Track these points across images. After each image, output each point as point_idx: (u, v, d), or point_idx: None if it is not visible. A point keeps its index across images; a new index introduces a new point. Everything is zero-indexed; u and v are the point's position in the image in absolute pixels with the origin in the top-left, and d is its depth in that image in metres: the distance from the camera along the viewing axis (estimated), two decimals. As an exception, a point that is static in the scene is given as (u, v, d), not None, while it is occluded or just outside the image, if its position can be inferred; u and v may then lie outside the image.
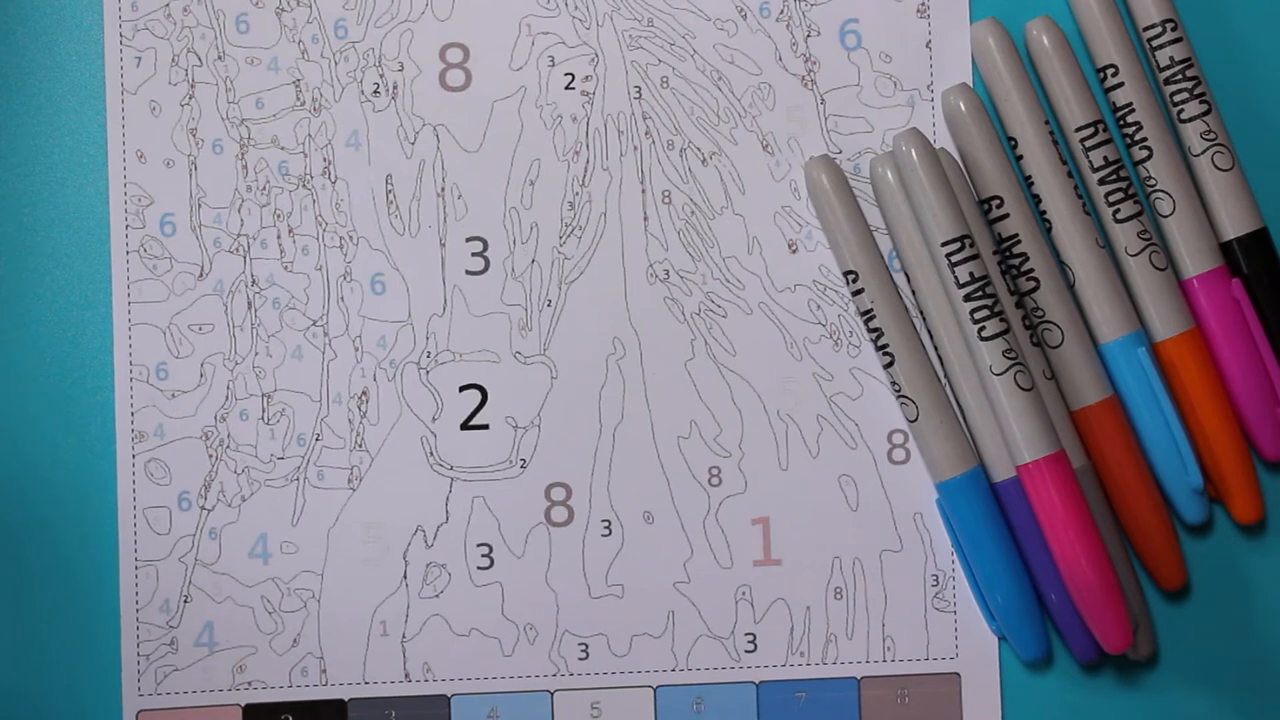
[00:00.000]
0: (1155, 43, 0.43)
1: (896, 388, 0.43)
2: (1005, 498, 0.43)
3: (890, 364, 0.43)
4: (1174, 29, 0.43)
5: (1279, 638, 0.45)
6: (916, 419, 0.43)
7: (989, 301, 0.42)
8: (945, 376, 0.43)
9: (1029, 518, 0.42)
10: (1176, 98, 0.43)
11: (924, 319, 0.43)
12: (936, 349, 0.43)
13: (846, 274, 0.43)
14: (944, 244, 0.42)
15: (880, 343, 0.43)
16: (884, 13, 0.44)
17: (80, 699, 0.44)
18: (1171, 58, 0.43)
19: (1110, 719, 0.44)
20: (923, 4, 0.44)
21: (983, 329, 0.42)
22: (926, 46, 0.44)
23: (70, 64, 0.44)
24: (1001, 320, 0.42)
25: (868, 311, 0.43)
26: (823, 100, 0.44)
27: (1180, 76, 0.43)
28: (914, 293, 0.43)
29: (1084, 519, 0.42)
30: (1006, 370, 0.42)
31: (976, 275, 0.42)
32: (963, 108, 0.43)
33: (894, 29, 0.44)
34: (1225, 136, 0.43)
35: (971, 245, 0.42)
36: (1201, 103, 0.43)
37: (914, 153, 0.42)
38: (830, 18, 0.44)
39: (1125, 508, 0.43)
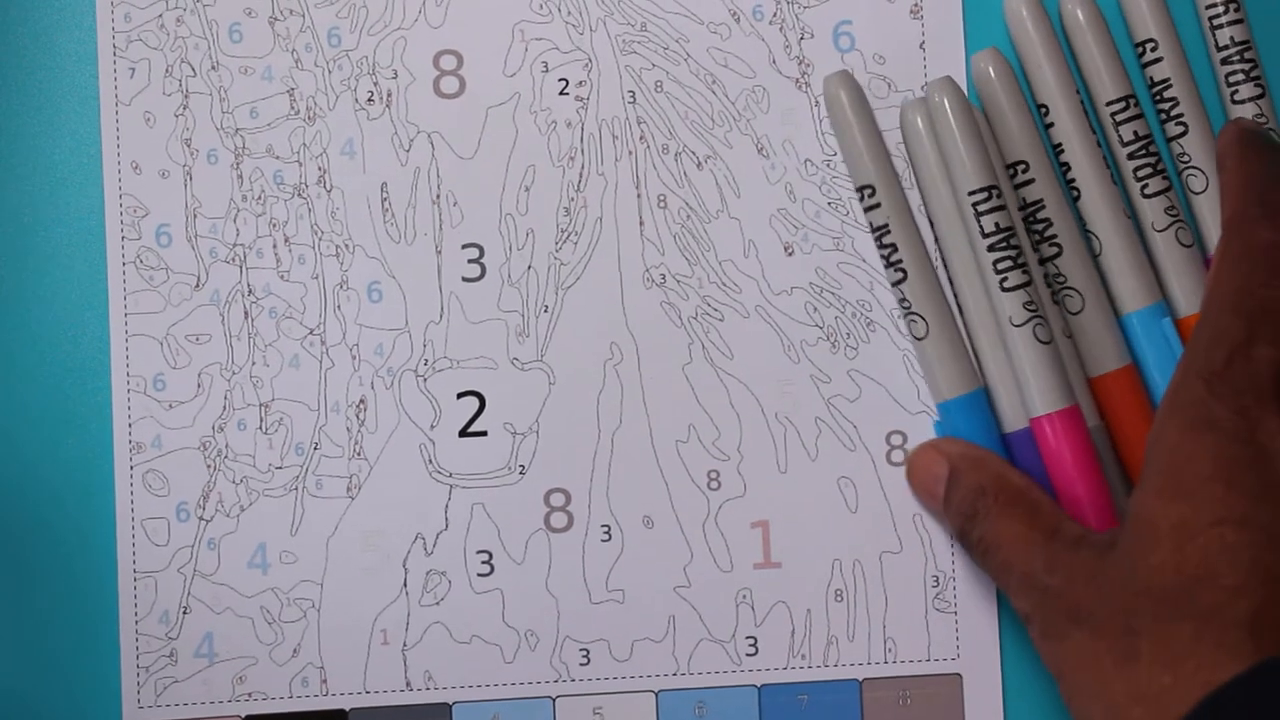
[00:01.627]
0: (1216, 21, 0.44)
1: (906, 305, 0.43)
2: (1016, 450, 0.43)
3: (901, 280, 0.43)
4: (1236, 10, 0.43)
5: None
6: (925, 336, 0.43)
7: (1012, 253, 0.42)
8: (967, 333, 0.43)
9: (1039, 471, 0.42)
10: (1232, 78, 0.43)
11: (948, 273, 0.43)
12: (958, 302, 0.43)
13: (861, 189, 0.43)
14: (971, 193, 0.42)
15: (893, 259, 0.43)
16: (877, 14, 0.44)
17: (80, 711, 0.44)
18: (1232, 38, 0.43)
19: None
20: (915, 5, 0.44)
21: (1005, 279, 0.42)
22: (920, 48, 0.44)
23: (64, 75, 0.44)
24: (1024, 272, 0.42)
25: (882, 227, 0.43)
26: (816, 102, 0.44)
27: (1238, 58, 0.43)
28: (939, 246, 0.43)
29: (1094, 473, 0.42)
30: (1027, 322, 0.41)
31: (1002, 226, 0.42)
32: (991, 73, 0.43)
33: (887, 31, 0.44)
34: (1276, 122, 0.43)
35: (999, 196, 0.42)
36: (1256, 85, 0.43)
37: (946, 101, 0.42)
38: (823, 20, 0.44)
39: (1138, 474, 0.43)
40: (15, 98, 0.44)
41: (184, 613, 0.44)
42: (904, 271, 0.43)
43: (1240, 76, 0.43)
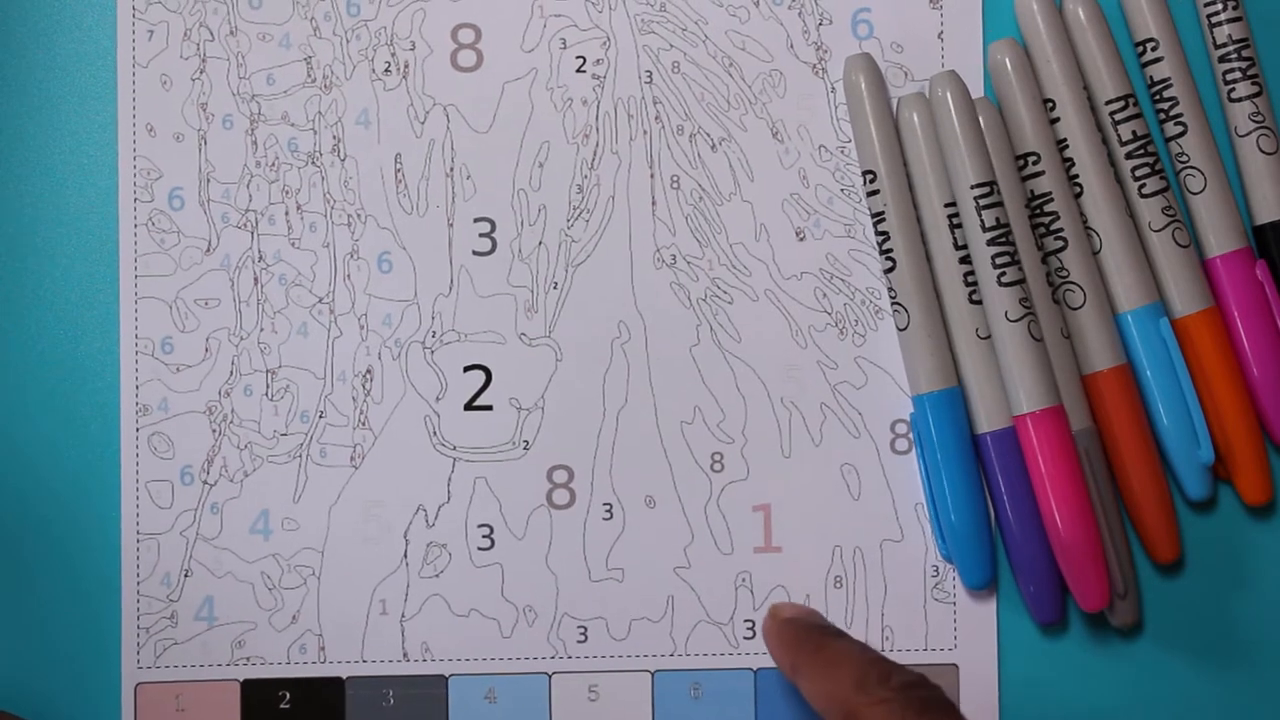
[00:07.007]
0: (1215, 19, 0.44)
1: (892, 293, 0.43)
2: (995, 449, 0.43)
3: (891, 269, 0.43)
4: (1235, 8, 0.43)
5: (1274, 621, 0.44)
6: (906, 327, 0.43)
7: (1010, 249, 0.42)
8: (948, 335, 0.43)
9: (1016, 472, 0.43)
10: (1229, 76, 0.43)
11: (931, 270, 0.43)
12: (940, 301, 0.43)
13: (865, 173, 0.43)
14: (974, 187, 0.42)
15: (885, 246, 0.43)
16: (896, 3, 0.44)
17: (79, 671, 0.44)
18: (1230, 36, 0.43)
19: (1107, 712, 0.44)
20: (935, -6, 0.45)
21: (1002, 274, 0.42)
22: (938, 38, 0.44)
23: (82, 36, 0.44)
24: (1020, 269, 0.42)
25: (879, 214, 0.43)
26: (833, 89, 0.44)
27: (1235, 56, 0.43)
28: (925, 242, 0.43)
29: (1074, 474, 0.42)
30: (1021, 318, 0.42)
31: (1002, 221, 0.42)
32: (1008, 64, 0.43)
33: (905, 19, 0.44)
34: (1273, 120, 0.43)
35: (998, 192, 0.42)
36: (1253, 84, 0.43)
37: (950, 96, 0.42)
38: (842, 6, 0.44)
39: (1125, 475, 0.43)
40: (33, 57, 0.44)
41: (185, 575, 0.44)
42: (893, 261, 0.43)
43: (1237, 74, 0.43)
